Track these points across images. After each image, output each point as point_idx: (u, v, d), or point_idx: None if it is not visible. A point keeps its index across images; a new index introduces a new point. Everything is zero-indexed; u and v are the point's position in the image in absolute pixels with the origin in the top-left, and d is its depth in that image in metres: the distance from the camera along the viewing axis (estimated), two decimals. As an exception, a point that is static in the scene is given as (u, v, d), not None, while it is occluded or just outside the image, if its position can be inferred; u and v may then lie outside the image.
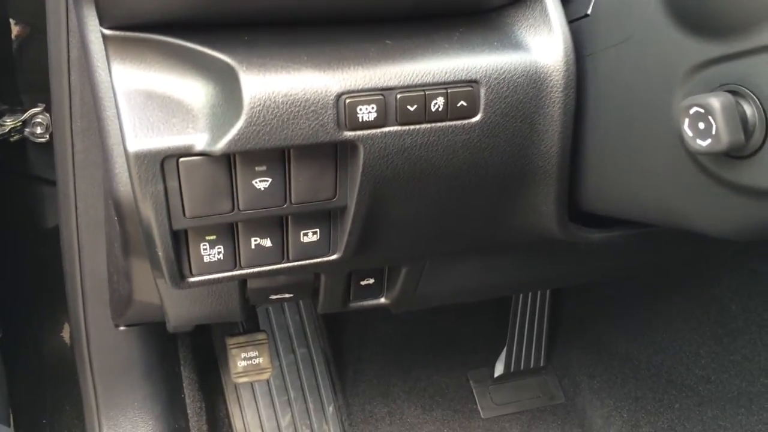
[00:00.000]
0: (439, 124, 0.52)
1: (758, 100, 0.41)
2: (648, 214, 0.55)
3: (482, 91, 0.52)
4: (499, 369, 1.39)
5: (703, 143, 0.42)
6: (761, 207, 0.44)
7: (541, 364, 1.40)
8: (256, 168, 0.51)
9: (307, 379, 1.25)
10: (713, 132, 0.41)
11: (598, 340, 1.35)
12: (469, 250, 0.69)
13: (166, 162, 0.49)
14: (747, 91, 0.41)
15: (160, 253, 0.53)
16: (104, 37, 0.49)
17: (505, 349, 1.39)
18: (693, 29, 0.44)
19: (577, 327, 1.41)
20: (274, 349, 1.24)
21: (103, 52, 0.50)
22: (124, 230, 0.58)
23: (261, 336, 0.94)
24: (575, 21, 0.55)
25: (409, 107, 0.51)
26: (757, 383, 1.09)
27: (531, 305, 1.38)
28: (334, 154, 0.52)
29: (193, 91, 0.49)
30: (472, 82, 0.52)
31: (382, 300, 0.76)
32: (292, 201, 0.53)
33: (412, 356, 1.37)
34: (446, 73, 0.52)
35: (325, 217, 0.57)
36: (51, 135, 0.88)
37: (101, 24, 0.48)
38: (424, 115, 0.52)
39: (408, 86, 0.51)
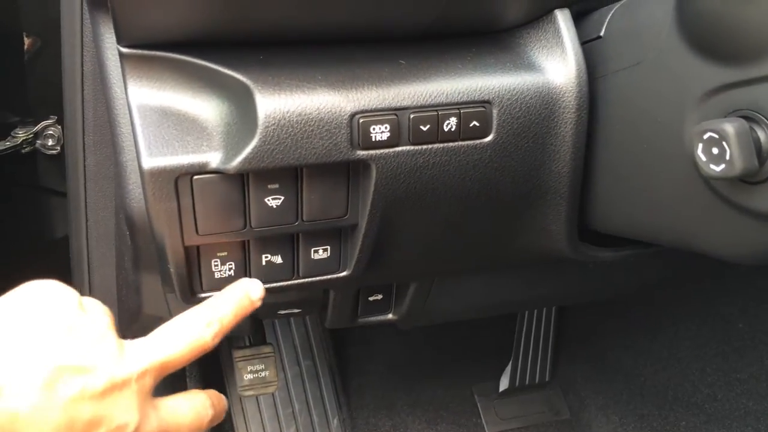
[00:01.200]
0: (451, 144, 0.53)
1: None
2: (658, 236, 0.55)
3: (495, 112, 0.53)
4: (504, 383, 1.38)
5: (717, 168, 0.42)
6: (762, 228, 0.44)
7: (547, 379, 1.39)
8: (269, 186, 0.51)
9: (312, 391, 1.25)
10: (727, 158, 0.41)
11: (604, 355, 1.35)
12: (478, 268, 0.70)
13: (180, 179, 0.49)
14: (761, 117, 0.41)
15: (171, 269, 0.53)
16: (121, 55, 0.49)
17: (510, 364, 1.38)
18: (707, 54, 0.44)
19: (582, 342, 1.40)
20: (279, 361, 1.24)
21: (119, 70, 0.51)
22: (135, 245, 0.58)
23: (267, 349, 0.94)
24: (588, 42, 0.56)
25: (422, 127, 0.51)
26: (765, 402, 1.08)
27: (537, 320, 1.38)
28: (347, 172, 0.53)
29: (208, 109, 0.50)
30: (485, 103, 0.52)
31: (390, 316, 0.76)
32: (304, 219, 0.54)
33: (417, 370, 1.37)
34: (459, 93, 0.52)
35: (336, 235, 0.57)
36: (62, 147, 0.88)
37: (118, 42, 0.49)
38: (437, 134, 0.52)
39: (421, 106, 0.51)
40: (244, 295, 0.52)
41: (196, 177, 0.49)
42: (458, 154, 0.53)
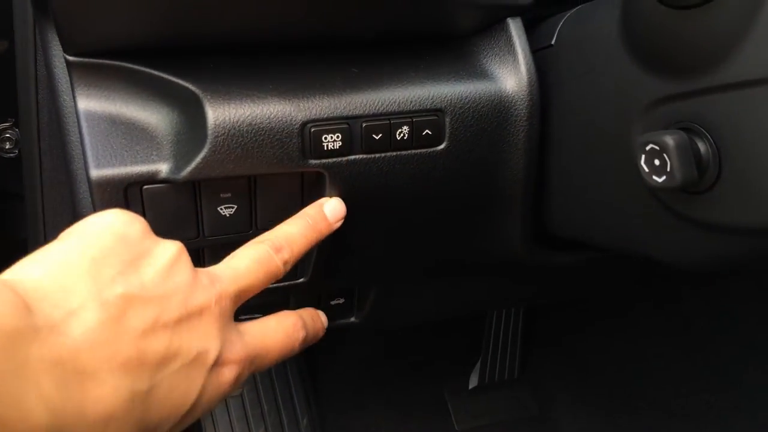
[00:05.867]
0: (404, 152, 0.53)
1: (711, 138, 0.41)
2: (610, 242, 0.56)
3: (447, 120, 0.53)
4: (473, 381, 1.39)
5: (659, 179, 0.42)
6: (716, 241, 0.45)
7: (516, 376, 1.41)
8: (221, 195, 0.51)
9: (282, 392, 1.25)
10: (668, 169, 0.42)
11: (571, 352, 1.37)
12: (438, 271, 0.70)
13: (129, 189, 0.49)
14: (700, 128, 0.42)
15: (124, 279, 0.53)
16: (68, 63, 0.49)
17: (479, 361, 1.40)
18: (650, 66, 0.44)
19: (550, 339, 1.42)
20: (247, 362, 1.23)
21: (68, 77, 0.50)
22: None
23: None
24: (540, 50, 0.56)
25: (374, 136, 0.51)
26: (725, 396, 1.10)
27: (506, 317, 1.39)
28: (300, 180, 0.53)
29: (158, 118, 0.49)
30: (437, 111, 0.53)
31: (353, 319, 0.76)
32: (258, 227, 0.53)
33: (388, 369, 1.37)
34: (411, 102, 0.52)
35: (292, 242, 0.57)
36: (20, 150, 0.87)
37: (65, 51, 0.48)
38: (390, 143, 0.52)
39: (373, 115, 0.51)
40: (321, 218, 0.50)
41: (145, 187, 0.49)
42: (411, 162, 0.53)
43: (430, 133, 0.53)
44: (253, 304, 0.70)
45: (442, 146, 0.53)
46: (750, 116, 0.39)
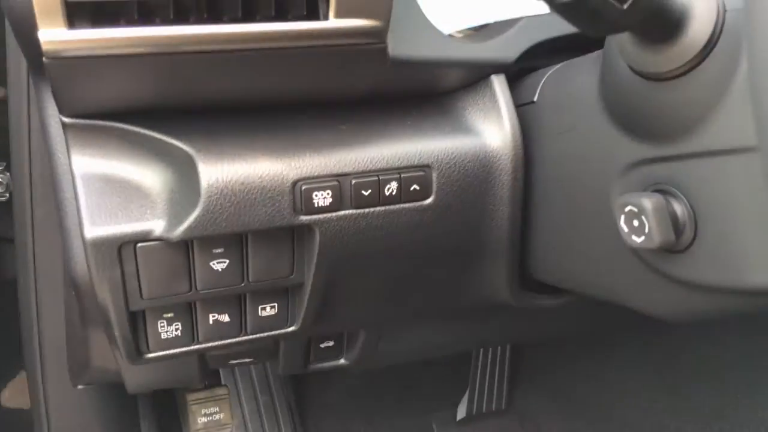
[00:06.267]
0: (392, 207, 0.54)
1: (687, 200, 0.43)
2: (592, 291, 0.57)
3: (434, 175, 0.55)
4: (461, 412, 1.40)
5: (638, 240, 0.44)
6: (693, 297, 0.46)
7: (503, 407, 1.41)
8: (214, 250, 0.52)
9: (270, 427, 1.25)
10: (646, 230, 0.43)
11: (556, 383, 1.38)
12: (426, 316, 0.71)
13: (123, 247, 0.49)
14: (677, 191, 0.44)
15: (116, 333, 0.54)
16: (63, 124, 0.50)
17: (467, 392, 1.40)
18: (628, 130, 0.46)
19: (537, 370, 1.43)
20: (236, 397, 1.24)
21: (62, 137, 0.51)
22: (81, 305, 0.58)
23: (222, 391, 0.94)
24: (523, 106, 0.58)
25: (363, 192, 0.53)
26: (709, 429, 1.12)
27: (492, 349, 1.40)
28: (291, 235, 0.54)
29: (152, 177, 0.51)
30: (425, 167, 0.54)
31: (342, 361, 0.77)
32: (250, 280, 0.54)
33: (375, 401, 1.37)
34: (399, 158, 0.54)
35: (283, 292, 0.58)
36: (11, 194, 0.87)
37: (61, 112, 0.49)
38: (378, 198, 0.53)
39: (362, 172, 0.53)
40: None
41: (139, 245, 0.50)
42: (400, 216, 0.55)
43: (417, 188, 0.54)
44: (245, 350, 0.71)
45: (429, 200, 0.55)
46: (722, 182, 0.41)
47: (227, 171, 0.49)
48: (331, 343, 0.75)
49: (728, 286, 0.43)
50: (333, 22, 0.44)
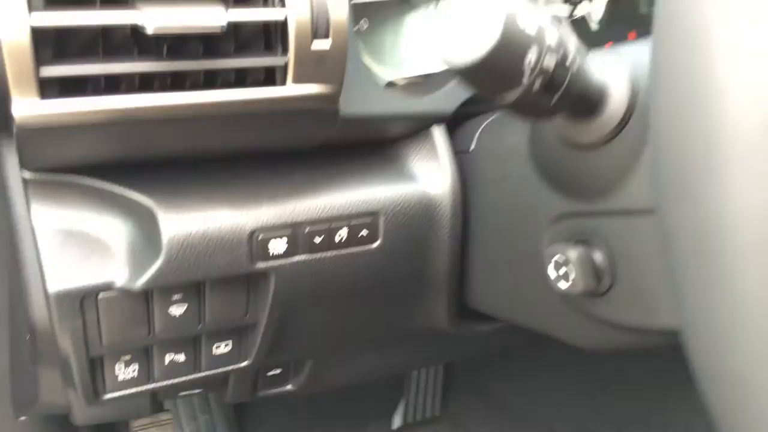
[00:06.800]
0: (343, 251, 0.58)
1: (606, 251, 0.49)
2: (523, 322, 0.63)
3: (381, 221, 0.59)
4: (397, 421, 1.45)
5: (564, 286, 0.50)
6: (611, 334, 0.53)
7: (437, 414, 1.47)
8: (173, 297, 0.55)
9: (210, 443, 1.26)
10: (571, 278, 0.49)
11: (488, 389, 1.45)
12: (371, 344, 0.75)
13: (85, 298, 0.51)
14: (598, 242, 0.50)
15: (75, 377, 0.55)
16: (24, 180, 0.51)
17: (402, 402, 1.45)
18: (552, 186, 0.52)
19: (470, 376, 1.50)
20: (177, 418, 1.24)
21: (22, 190, 0.52)
22: (35, 346, 0.59)
23: (165, 416, 0.95)
24: (461, 153, 0.63)
25: (316, 239, 0.56)
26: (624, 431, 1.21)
27: (427, 359, 1.46)
28: (247, 280, 0.57)
29: (113, 229, 0.52)
30: (373, 214, 0.58)
31: (289, 387, 0.80)
32: (206, 322, 0.57)
33: (315, 413, 1.40)
34: (349, 206, 0.58)
35: (237, 330, 0.61)
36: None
37: (21, 167, 0.51)
38: (330, 244, 0.57)
39: (315, 221, 0.56)
40: None
41: (101, 295, 0.52)
42: (350, 259, 0.59)
43: (366, 233, 0.58)
44: (196, 381, 0.73)
45: (377, 244, 0.59)
46: (634, 238, 0.47)
47: (188, 223, 0.52)
48: (278, 371, 0.78)
49: (642, 327, 0.49)
50: (290, 89, 0.48)
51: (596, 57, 0.46)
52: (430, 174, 0.62)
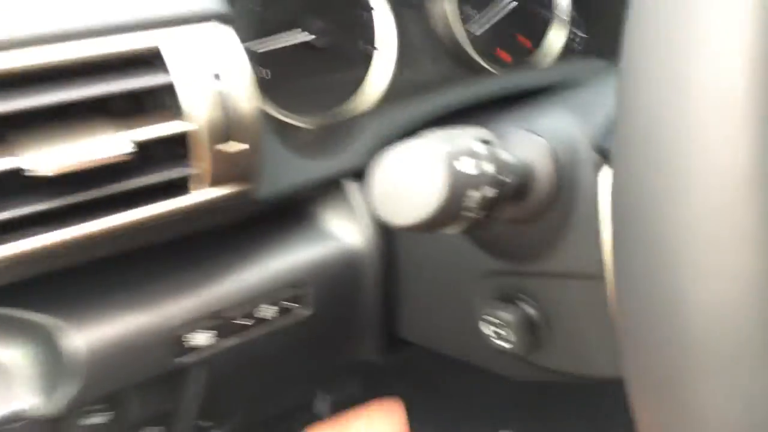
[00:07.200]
0: (273, 327, 0.55)
1: (540, 307, 0.50)
2: (456, 355, 0.64)
3: (311, 290, 0.56)
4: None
5: (501, 346, 0.51)
6: (547, 375, 0.54)
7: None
8: (93, 407, 0.50)
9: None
10: (509, 338, 0.50)
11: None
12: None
13: (-3, 433, 0.46)
14: (530, 299, 0.51)
15: None
16: None
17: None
18: (485, 247, 0.52)
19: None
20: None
21: None
22: None
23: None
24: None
25: (244, 321, 0.53)
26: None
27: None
28: (173, 376, 0.53)
29: (17, 355, 0.47)
30: (301, 284, 0.56)
31: None
32: (133, 421, 0.53)
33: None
34: (275, 281, 0.54)
35: (167, 416, 0.58)
36: None
37: None
38: (259, 323, 0.54)
39: (241, 303, 0.53)
40: None
41: (12, 426, 0.47)
42: (280, 335, 0.56)
43: (296, 305, 0.56)
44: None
45: (309, 313, 0.57)
46: (564, 297, 0.49)
47: (100, 335, 0.47)
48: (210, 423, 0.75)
49: (578, 374, 0.51)
50: (206, 193, 0.44)
51: (514, 138, 0.46)
52: (349, 228, 0.60)
